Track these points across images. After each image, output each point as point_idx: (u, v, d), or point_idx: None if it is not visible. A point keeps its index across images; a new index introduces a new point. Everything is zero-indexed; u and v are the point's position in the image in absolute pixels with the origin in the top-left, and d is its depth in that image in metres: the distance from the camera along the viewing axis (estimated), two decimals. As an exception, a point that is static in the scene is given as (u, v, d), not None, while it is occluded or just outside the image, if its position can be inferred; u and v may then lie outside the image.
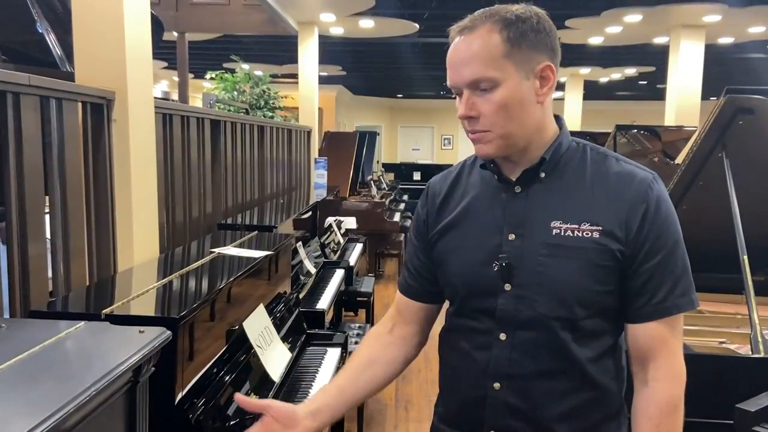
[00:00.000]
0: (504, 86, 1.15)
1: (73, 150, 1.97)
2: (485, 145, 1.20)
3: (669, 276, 1.19)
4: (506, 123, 1.17)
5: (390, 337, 1.43)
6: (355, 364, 1.40)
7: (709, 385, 2.02)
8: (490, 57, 1.15)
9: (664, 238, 1.19)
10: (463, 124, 1.23)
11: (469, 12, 1.23)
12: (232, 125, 3.62)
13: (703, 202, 2.58)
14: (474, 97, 1.17)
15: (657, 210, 1.19)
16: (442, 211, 1.34)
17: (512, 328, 1.22)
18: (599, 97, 16.42)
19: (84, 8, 2.13)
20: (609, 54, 10.15)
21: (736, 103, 2.17)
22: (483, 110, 1.17)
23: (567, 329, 1.19)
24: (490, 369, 1.24)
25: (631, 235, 1.18)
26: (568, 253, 1.18)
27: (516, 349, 1.22)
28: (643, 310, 1.20)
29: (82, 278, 2.03)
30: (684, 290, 1.21)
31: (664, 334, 1.21)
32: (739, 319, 2.69)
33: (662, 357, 1.21)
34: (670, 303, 1.19)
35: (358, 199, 7.89)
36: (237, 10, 7.44)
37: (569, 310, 1.18)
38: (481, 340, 1.26)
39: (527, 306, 1.20)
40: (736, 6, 6.72)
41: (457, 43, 1.20)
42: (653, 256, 1.18)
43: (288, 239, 2.90)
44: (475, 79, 1.16)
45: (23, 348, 1.15)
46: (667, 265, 1.19)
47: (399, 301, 1.46)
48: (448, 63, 1.21)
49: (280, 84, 10.27)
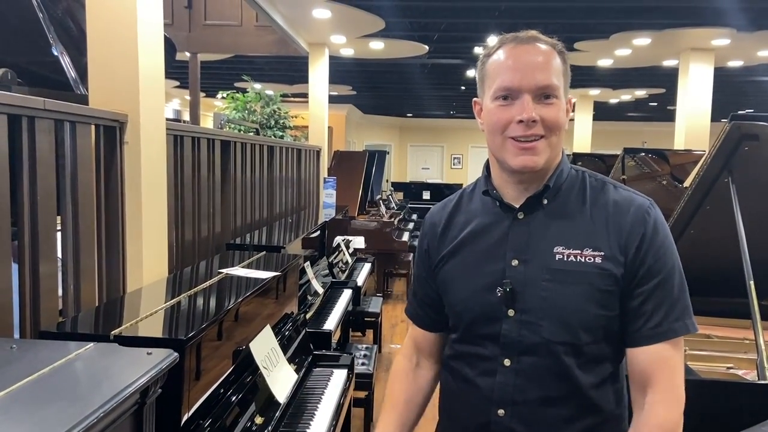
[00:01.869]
0: (560, 100, 1.21)
1: (86, 172, 2.00)
2: (536, 156, 1.21)
3: (666, 300, 1.20)
4: (558, 135, 1.22)
5: (419, 372, 1.47)
6: (399, 411, 1.44)
7: (715, 411, 2.00)
8: (557, 70, 1.22)
9: (662, 262, 1.20)
10: (510, 131, 1.21)
11: (478, 34, 1.27)
12: (242, 146, 3.66)
13: (710, 226, 2.58)
14: (533, 103, 1.20)
15: (654, 234, 1.21)
16: (443, 240, 1.36)
17: (516, 353, 1.23)
18: (609, 118, 16.43)
19: (98, 33, 2.18)
20: (619, 76, 10.17)
21: (742, 129, 2.18)
22: (545, 116, 1.19)
23: (571, 354, 1.20)
24: (494, 395, 1.24)
25: (629, 257, 1.19)
26: (572, 279, 1.20)
27: (520, 375, 1.22)
28: (640, 333, 1.21)
29: (92, 298, 2.05)
30: (680, 314, 1.21)
31: (662, 358, 1.20)
32: (746, 344, 2.67)
33: (660, 381, 1.20)
34: (666, 327, 1.20)
35: (366, 218, 7.91)
36: (249, 32, 7.54)
37: (573, 335, 1.19)
38: (485, 367, 1.26)
39: (532, 331, 1.21)
40: (745, 30, 6.73)
41: (523, 48, 1.22)
42: (650, 279, 1.19)
43: (295, 260, 2.92)
44: (548, 84, 1.20)
45: (33, 369, 1.17)
46: (664, 289, 1.20)
47: (416, 336, 1.47)
48: (512, 65, 1.21)
49: (290, 103, 10.35)
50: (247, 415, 1.93)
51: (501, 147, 1.23)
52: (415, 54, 8.54)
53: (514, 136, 1.20)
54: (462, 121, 18.48)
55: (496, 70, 1.23)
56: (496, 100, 1.22)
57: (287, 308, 2.74)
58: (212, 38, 7.52)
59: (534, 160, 1.20)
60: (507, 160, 1.23)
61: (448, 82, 11.75)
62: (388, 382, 1.50)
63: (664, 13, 6.47)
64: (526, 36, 1.23)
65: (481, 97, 1.29)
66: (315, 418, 2.28)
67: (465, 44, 8.10)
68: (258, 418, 1.98)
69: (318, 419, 2.28)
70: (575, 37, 7.42)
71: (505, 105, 1.21)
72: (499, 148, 1.24)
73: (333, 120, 11.64)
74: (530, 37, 1.23)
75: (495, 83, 1.22)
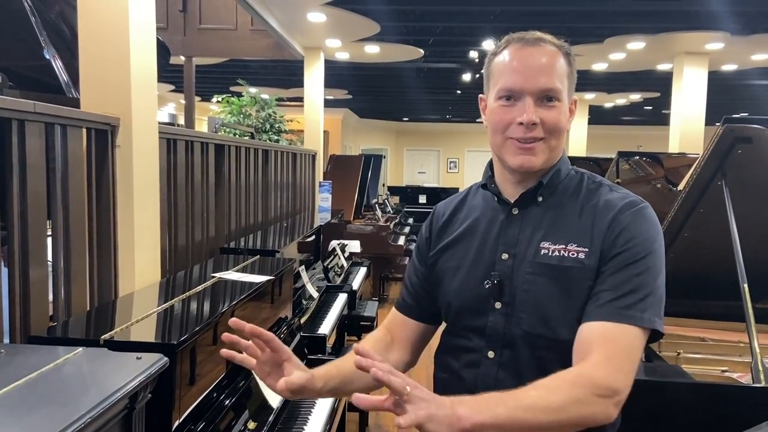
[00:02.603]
0: (563, 103, 1.23)
1: (77, 175, 1.99)
2: (534, 157, 1.23)
3: (625, 284, 1.15)
4: (558, 137, 1.23)
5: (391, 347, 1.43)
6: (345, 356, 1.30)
7: (710, 414, 2.00)
8: (561, 72, 1.23)
9: (633, 251, 1.17)
10: (511, 131, 1.22)
11: (473, 38, 1.28)
12: (236, 149, 3.65)
13: (704, 229, 2.59)
14: (535, 106, 1.21)
15: (633, 224, 1.19)
16: (443, 232, 1.39)
17: (500, 346, 1.25)
18: (604, 122, 16.46)
19: (90, 35, 2.17)
20: (614, 79, 10.20)
21: (735, 132, 2.19)
22: (546, 119, 1.21)
23: (549, 348, 1.21)
24: (477, 387, 1.25)
25: (605, 246, 1.19)
26: (553, 273, 1.21)
27: (503, 368, 1.24)
28: (588, 309, 1.16)
29: (83, 302, 2.04)
30: (641, 305, 1.14)
31: (608, 336, 1.12)
32: (741, 347, 2.67)
33: (599, 352, 1.11)
34: (618, 309, 1.13)
35: (362, 222, 7.90)
36: (244, 36, 7.53)
37: (551, 329, 1.20)
38: (470, 358, 1.28)
39: (514, 324, 1.23)
40: (739, 34, 6.76)
41: (528, 50, 1.23)
42: (614, 262, 1.17)
43: (290, 264, 2.91)
44: (551, 88, 1.21)
45: (22, 374, 1.16)
46: (626, 274, 1.16)
47: (393, 320, 1.46)
48: (516, 67, 1.22)
49: (286, 107, 10.35)
50: (241, 420, 1.92)
51: (501, 146, 1.26)
52: (410, 58, 8.55)
53: (514, 137, 1.23)
54: (458, 125, 18.50)
55: (500, 70, 1.25)
56: (499, 100, 1.25)
57: (282, 313, 2.72)
58: (207, 42, 7.50)
59: (531, 161, 1.23)
60: (506, 159, 1.26)
61: (444, 86, 11.76)
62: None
63: (659, 17, 6.49)
64: (533, 37, 1.25)
65: (486, 95, 1.32)
66: (309, 422, 2.27)
67: (460, 48, 8.10)
68: (251, 423, 1.96)
69: (312, 424, 2.26)
70: (571, 40, 7.41)
71: (507, 106, 1.23)
72: (499, 146, 1.27)
73: (329, 124, 11.64)
74: (536, 39, 1.24)
75: (498, 83, 1.25)
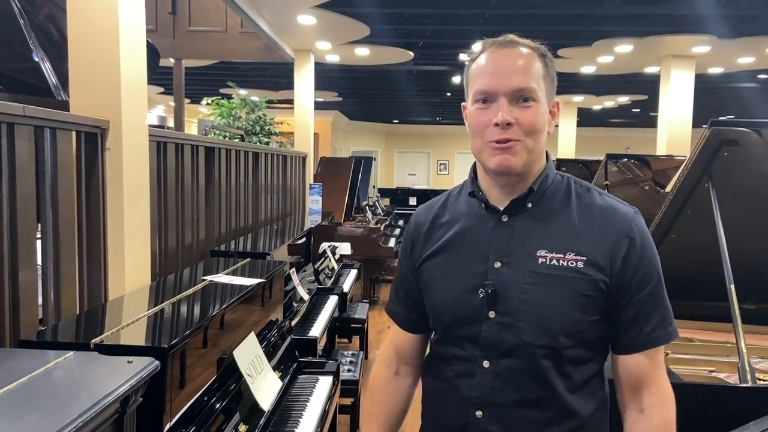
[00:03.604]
0: (539, 103, 1.22)
1: (66, 178, 1.99)
2: (513, 157, 1.21)
3: (658, 307, 1.25)
4: (534, 138, 1.22)
5: (399, 380, 1.48)
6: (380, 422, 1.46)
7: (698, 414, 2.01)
8: (536, 73, 1.23)
9: (652, 271, 1.24)
10: (487, 134, 1.23)
11: (462, 41, 1.28)
12: (226, 152, 3.65)
13: (691, 231, 2.61)
14: (510, 106, 1.21)
15: (643, 245, 1.24)
16: (427, 240, 1.36)
17: (495, 355, 1.23)
18: (593, 124, 16.56)
19: (79, 38, 2.17)
20: (602, 82, 10.27)
21: (721, 134, 2.21)
22: (521, 119, 1.20)
23: (549, 358, 1.21)
24: (472, 397, 1.25)
25: (615, 267, 1.21)
26: (554, 282, 1.20)
27: (499, 377, 1.23)
28: (636, 340, 1.24)
29: (73, 306, 2.03)
30: (670, 321, 1.26)
31: (654, 363, 1.26)
32: (728, 347, 2.69)
33: (654, 384, 1.25)
34: (661, 332, 1.25)
35: (353, 224, 7.90)
36: (234, 38, 7.52)
37: (553, 339, 1.20)
38: (464, 368, 1.27)
39: (511, 333, 1.22)
40: (725, 37, 6.83)
41: (502, 52, 1.24)
42: (643, 288, 1.23)
43: (280, 266, 2.91)
44: (524, 87, 1.21)
45: (11, 378, 1.15)
46: (656, 297, 1.24)
47: (397, 339, 1.47)
48: (490, 70, 1.23)
49: (276, 110, 10.34)
50: (232, 423, 1.92)
51: (480, 149, 1.25)
52: (400, 60, 8.58)
53: (491, 140, 1.22)
54: (448, 127, 18.55)
55: (476, 74, 1.25)
56: (476, 104, 1.24)
57: (272, 315, 2.72)
58: (197, 44, 7.49)
59: (509, 160, 1.21)
60: (485, 161, 1.25)
61: (434, 89, 11.80)
62: (368, 392, 1.50)
63: (646, 20, 6.55)
64: (506, 40, 1.25)
65: (467, 101, 1.31)
66: (300, 425, 2.27)
67: (450, 51, 8.14)
68: (242, 426, 1.96)
69: (303, 426, 2.26)
70: (559, 44, 7.48)
71: (483, 108, 1.23)
72: (479, 150, 1.26)
73: (319, 126, 11.64)
74: (509, 41, 1.25)
75: (474, 87, 1.25)
